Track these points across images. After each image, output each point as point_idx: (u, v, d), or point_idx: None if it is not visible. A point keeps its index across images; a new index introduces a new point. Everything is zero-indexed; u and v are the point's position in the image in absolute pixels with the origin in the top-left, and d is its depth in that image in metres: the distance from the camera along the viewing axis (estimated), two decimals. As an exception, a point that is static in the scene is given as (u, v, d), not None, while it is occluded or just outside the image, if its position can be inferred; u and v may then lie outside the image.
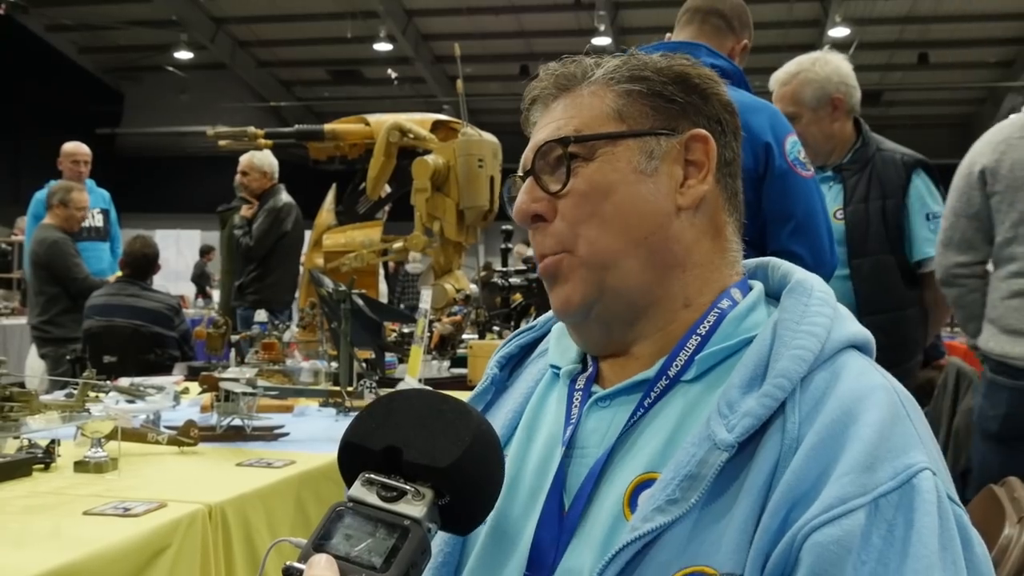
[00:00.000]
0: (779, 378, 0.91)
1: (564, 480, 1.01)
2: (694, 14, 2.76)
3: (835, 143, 3.32)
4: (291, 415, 3.06)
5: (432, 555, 1.04)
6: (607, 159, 1.03)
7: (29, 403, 2.15)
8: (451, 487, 0.77)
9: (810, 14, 16.85)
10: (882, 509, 0.83)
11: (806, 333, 0.95)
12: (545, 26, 17.83)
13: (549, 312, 1.21)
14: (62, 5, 17.95)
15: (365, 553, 0.71)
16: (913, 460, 0.86)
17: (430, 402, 0.81)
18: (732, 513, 0.88)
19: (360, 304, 3.37)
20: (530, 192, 1.06)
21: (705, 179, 1.04)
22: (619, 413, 1.01)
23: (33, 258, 5.83)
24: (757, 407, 0.90)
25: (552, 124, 1.07)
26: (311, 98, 22.00)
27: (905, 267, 3.26)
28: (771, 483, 0.87)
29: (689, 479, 0.89)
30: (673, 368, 1.00)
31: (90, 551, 1.59)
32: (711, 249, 1.05)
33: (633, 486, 0.95)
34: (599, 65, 1.07)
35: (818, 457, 0.86)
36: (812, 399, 0.91)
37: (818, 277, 1.05)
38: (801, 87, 3.27)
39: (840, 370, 0.93)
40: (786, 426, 0.89)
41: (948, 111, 22.20)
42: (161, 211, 19.85)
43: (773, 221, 2.44)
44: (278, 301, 5.90)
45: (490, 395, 1.19)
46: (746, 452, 0.90)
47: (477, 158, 4.41)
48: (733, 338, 1.00)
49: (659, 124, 1.04)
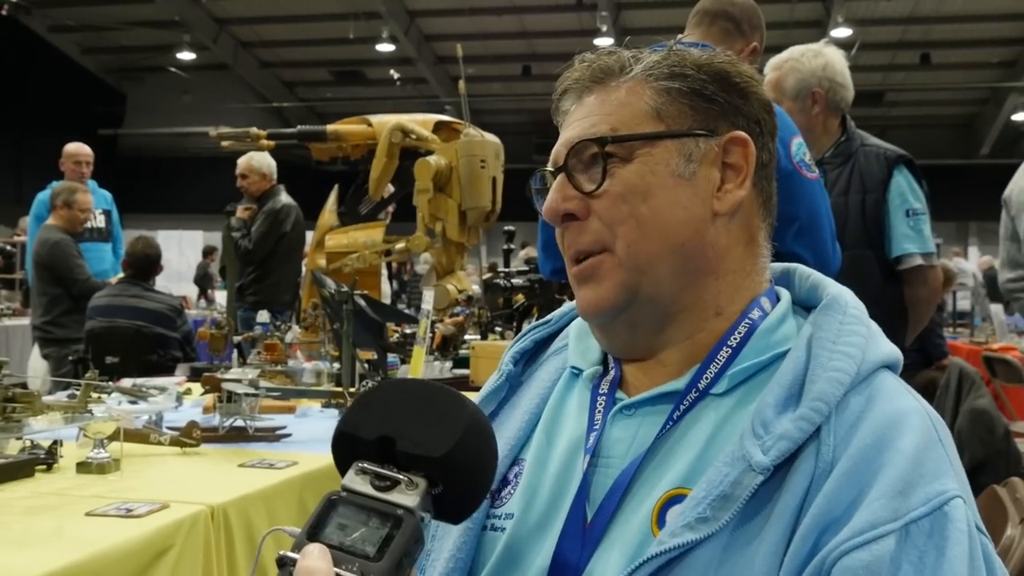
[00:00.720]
0: (816, 401, 0.89)
1: (588, 490, 0.98)
2: (703, 16, 2.76)
3: (814, 136, 3.30)
4: (293, 416, 3.06)
5: (442, 559, 1.03)
6: (645, 161, 0.99)
7: (32, 404, 2.15)
8: (445, 476, 0.77)
9: (812, 15, 16.86)
10: (912, 535, 0.82)
11: (842, 354, 0.92)
12: (547, 27, 17.84)
13: (565, 307, 1.19)
14: (65, 6, 17.99)
15: (359, 542, 0.71)
16: (946, 487, 0.85)
17: (424, 391, 0.81)
18: (763, 537, 0.86)
19: (362, 305, 3.37)
20: (562, 190, 1.02)
21: (743, 184, 1.02)
22: (645, 424, 0.99)
23: (36, 259, 5.83)
24: (794, 430, 0.88)
25: (586, 120, 1.03)
26: (313, 99, 22.02)
27: (884, 263, 3.24)
28: (803, 507, 0.86)
29: (722, 499, 0.88)
30: (703, 381, 0.98)
31: (92, 552, 1.59)
32: (743, 256, 1.03)
33: (663, 501, 0.93)
34: (637, 60, 1.04)
35: (851, 482, 0.85)
36: (847, 422, 0.89)
37: (850, 292, 1.02)
38: (784, 76, 3.27)
39: (876, 393, 0.91)
40: (820, 449, 0.88)
41: (950, 112, 22.20)
42: (163, 212, 19.88)
43: (778, 222, 2.43)
44: (278, 302, 5.88)
45: (504, 391, 1.16)
46: (779, 474, 0.88)
47: (479, 159, 4.41)
48: (764, 352, 0.98)
49: (698, 124, 1.01)
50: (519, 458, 1.08)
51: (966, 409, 4.60)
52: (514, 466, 1.07)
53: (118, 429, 2.20)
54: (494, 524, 1.04)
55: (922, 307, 3.33)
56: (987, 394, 4.75)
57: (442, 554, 1.04)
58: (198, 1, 17.99)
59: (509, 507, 1.04)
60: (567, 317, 1.18)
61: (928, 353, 5.60)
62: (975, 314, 10.04)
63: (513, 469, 1.07)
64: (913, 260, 3.21)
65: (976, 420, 4.53)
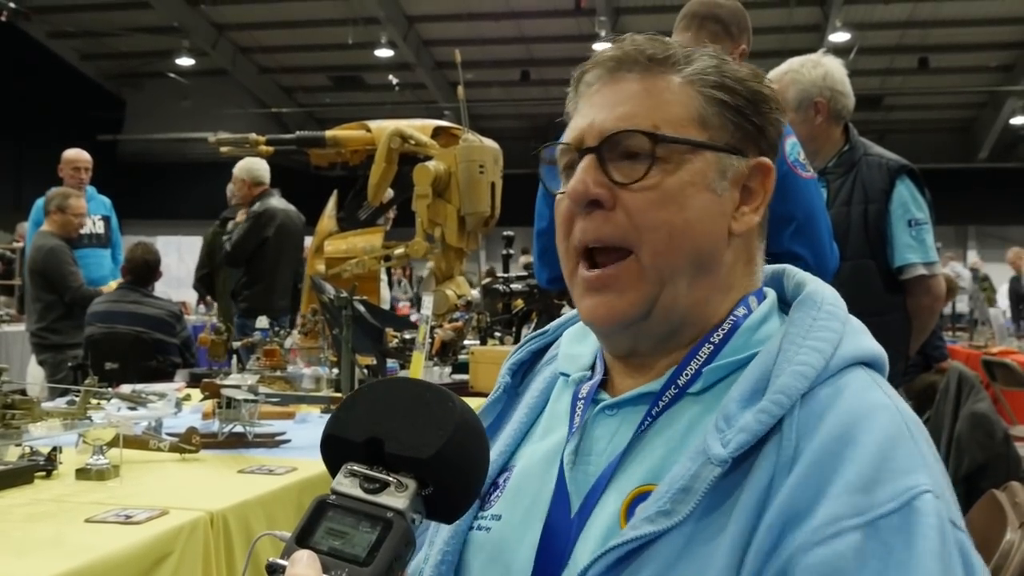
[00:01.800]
0: (778, 394, 0.89)
1: (567, 488, 1.00)
2: (691, 20, 2.76)
3: (818, 145, 3.31)
4: (293, 422, 3.06)
5: (432, 555, 1.04)
6: (688, 169, 0.98)
7: (31, 410, 2.15)
8: (434, 477, 0.76)
9: (810, 19, 16.88)
10: (882, 531, 0.81)
11: (810, 348, 0.92)
12: (545, 32, 17.87)
13: (563, 317, 1.20)
14: (64, 12, 18.00)
15: (348, 546, 0.71)
16: (915, 482, 0.84)
17: (412, 391, 0.80)
18: (725, 530, 0.87)
19: (361, 310, 3.37)
20: (592, 174, 0.98)
21: (758, 210, 1.03)
22: (625, 423, 1.00)
23: (30, 265, 5.83)
24: (753, 423, 0.88)
25: (627, 105, 0.99)
26: (312, 104, 22.04)
27: (886, 273, 3.24)
28: (765, 501, 0.86)
29: (682, 492, 0.88)
30: (682, 379, 0.98)
31: (92, 558, 1.59)
32: (743, 273, 1.04)
33: (631, 497, 0.94)
34: (689, 60, 1.01)
35: (813, 476, 0.85)
36: (812, 416, 0.89)
37: (832, 289, 1.02)
38: (785, 88, 3.28)
39: (844, 388, 0.91)
40: (782, 443, 0.88)
41: (949, 115, 22.22)
42: (162, 217, 19.86)
43: (774, 223, 2.43)
44: (270, 308, 5.70)
45: (502, 403, 1.17)
46: (741, 468, 0.88)
47: (478, 164, 4.42)
48: (744, 351, 0.98)
49: (734, 142, 1.00)
50: (509, 465, 1.09)
51: (966, 413, 4.60)
52: (504, 472, 1.09)
53: (117, 435, 2.20)
54: (480, 524, 1.05)
55: (925, 316, 3.33)
56: (987, 398, 4.75)
57: (432, 550, 1.06)
58: (197, 7, 18.01)
59: (496, 509, 1.05)
60: (562, 328, 1.19)
61: (927, 356, 5.60)
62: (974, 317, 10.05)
63: (503, 475, 1.08)
64: (916, 270, 3.21)
65: (976, 424, 4.53)
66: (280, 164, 6.21)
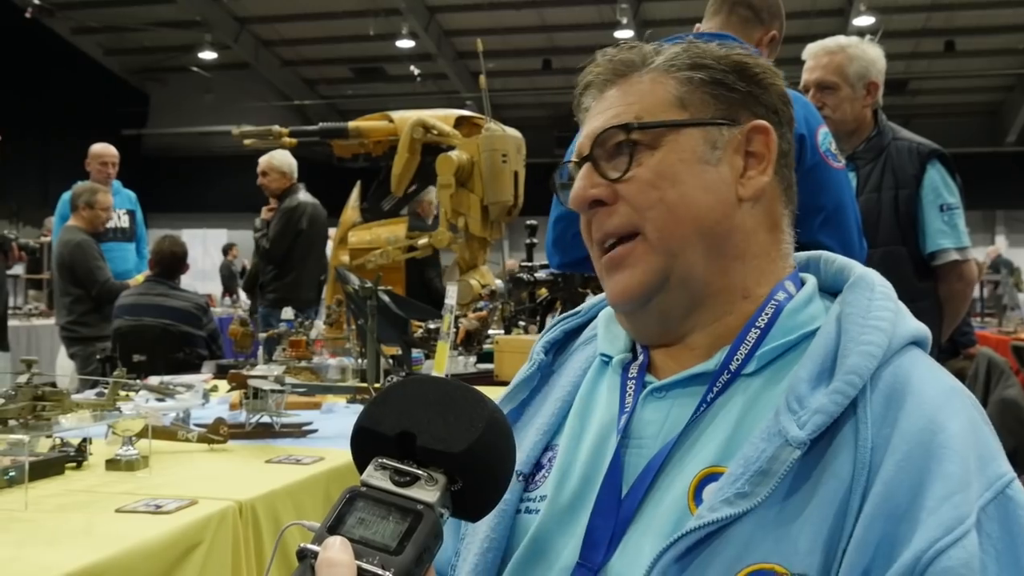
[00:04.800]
0: (850, 375, 0.90)
1: (621, 469, 1.00)
2: (722, 4, 2.73)
3: (858, 126, 3.29)
4: (319, 412, 3.07)
5: (478, 541, 1.04)
6: (671, 147, 1.01)
7: (61, 402, 2.17)
8: (464, 473, 0.77)
9: (835, 3, 16.71)
10: (982, 523, 0.82)
11: (873, 328, 0.94)
12: (567, 20, 17.79)
13: (595, 298, 1.21)
14: (88, 8, 18.11)
15: (379, 536, 0.71)
16: (1002, 469, 0.86)
17: (443, 388, 0.81)
18: (806, 513, 0.87)
19: (386, 300, 3.38)
20: (588, 178, 1.04)
21: (765, 171, 1.04)
22: (676, 405, 1.01)
23: (58, 259, 5.88)
24: (829, 404, 0.89)
25: (610, 111, 1.05)
26: (335, 96, 22.07)
27: (918, 259, 3.22)
28: (851, 487, 0.86)
29: (760, 474, 0.88)
30: (734, 362, 0.99)
31: (122, 548, 1.60)
32: (768, 241, 1.05)
33: (698, 479, 0.94)
34: (658, 52, 1.06)
35: (910, 469, 0.85)
36: (883, 397, 0.90)
37: (876, 272, 1.04)
38: (848, 61, 3.25)
39: (909, 369, 0.92)
40: (858, 427, 0.88)
41: (976, 99, 21.95)
42: (187, 211, 19.99)
43: (803, 212, 2.41)
44: (299, 299, 5.83)
45: (536, 380, 1.17)
46: (817, 449, 0.89)
47: (501, 153, 4.42)
48: (793, 332, 0.99)
49: (720, 113, 1.03)
50: (552, 443, 1.10)
51: (995, 399, 4.57)
52: (547, 451, 1.09)
53: (146, 426, 2.22)
54: (528, 507, 1.05)
55: (958, 302, 3.30)
56: (1016, 384, 4.72)
57: (477, 536, 1.05)
58: (219, 0, 18.08)
59: (543, 490, 1.05)
60: (596, 308, 1.20)
61: (955, 342, 5.55)
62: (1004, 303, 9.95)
63: (547, 454, 1.09)
64: (948, 255, 3.19)
65: (1005, 410, 4.49)
66: (303, 156, 6.24)
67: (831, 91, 3.25)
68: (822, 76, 3.26)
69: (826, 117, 3.20)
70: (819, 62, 3.28)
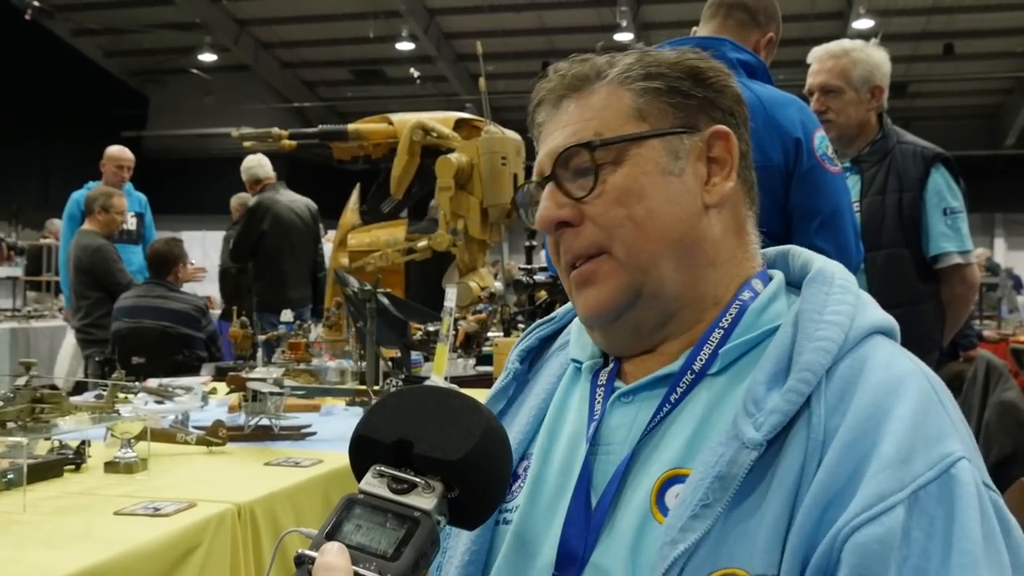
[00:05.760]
0: (803, 372, 0.90)
1: (590, 478, 0.99)
2: (718, 8, 2.73)
3: (862, 131, 3.30)
4: (318, 414, 3.07)
5: (459, 554, 1.04)
6: (635, 162, 1.00)
7: (60, 404, 2.16)
8: (461, 480, 0.78)
9: (834, 6, 16.72)
10: (922, 502, 0.82)
11: (828, 323, 0.93)
12: (566, 22, 17.80)
13: (568, 304, 1.20)
14: (88, 9, 18.11)
15: (376, 543, 0.72)
16: (950, 449, 0.85)
17: (440, 397, 0.82)
18: (762, 512, 0.87)
19: (385, 303, 3.38)
20: (553, 198, 1.03)
21: (729, 176, 1.03)
22: (643, 409, 1.00)
23: (76, 264, 5.88)
24: (783, 403, 0.89)
25: (568, 127, 1.03)
26: (334, 98, 22.07)
27: (921, 262, 3.22)
28: (800, 479, 0.86)
29: (719, 479, 0.88)
30: (698, 362, 0.99)
31: (121, 551, 1.60)
32: (735, 244, 1.04)
33: (660, 483, 0.94)
34: (612, 64, 1.04)
35: (851, 454, 0.85)
36: (838, 389, 0.89)
37: (840, 264, 1.03)
38: (853, 65, 3.25)
39: (866, 358, 0.91)
40: (812, 420, 0.88)
41: (975, 102, 21.96)
42: (186, 213, 19.97)
43: (800, 216, 2.42)
44: (285, 300, 5.74)
45: (512, 390, 1.17)
46: (773, 449, 0.89)
47: (500, 156, 4.41)
48: (755, 329, 0.99)
49: (679, 122, 1.02)
50: (527, 453, 1.10)
51: (994, 402, 4.56)
52: (523, 461, 1.09)
53: (145, 429, 2.21)
54: (505, 518, 1.06)
55: (960, 305, 3.31)
56: (1015, 387, 4.71)
57: (458, 549, 1.06)
58: (219, 3, 18.08)
59: (518, 500, 1.05)
60: (571, 313, 1.19)
61: (956, 344, 5.55)
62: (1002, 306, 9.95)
63: (522, 464, 1.09)
64: (951, 259, 3.19)
65: (1004, 413, 4.48)
66: (303, 157, 6.25)
67: (835, 95, 3.25)
68: (826, 80, 3.26)
69: (830, 121, 3.21)
70: (823, 66, 3.29)
